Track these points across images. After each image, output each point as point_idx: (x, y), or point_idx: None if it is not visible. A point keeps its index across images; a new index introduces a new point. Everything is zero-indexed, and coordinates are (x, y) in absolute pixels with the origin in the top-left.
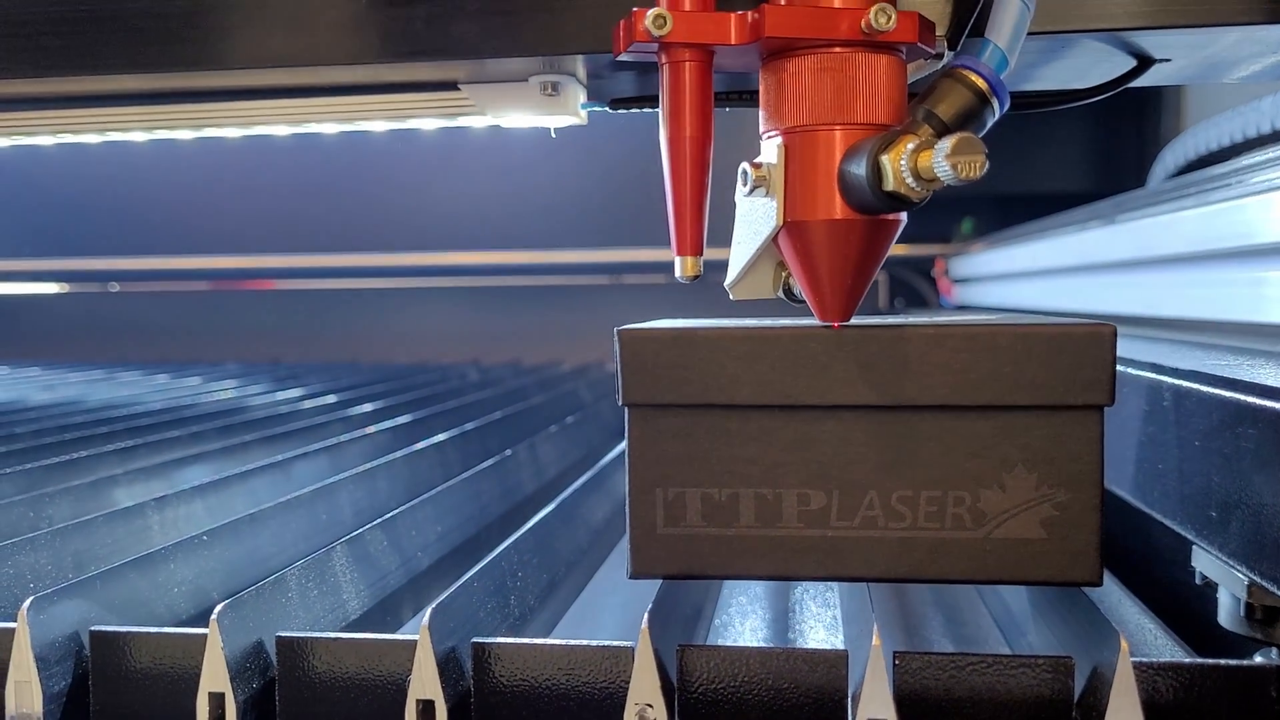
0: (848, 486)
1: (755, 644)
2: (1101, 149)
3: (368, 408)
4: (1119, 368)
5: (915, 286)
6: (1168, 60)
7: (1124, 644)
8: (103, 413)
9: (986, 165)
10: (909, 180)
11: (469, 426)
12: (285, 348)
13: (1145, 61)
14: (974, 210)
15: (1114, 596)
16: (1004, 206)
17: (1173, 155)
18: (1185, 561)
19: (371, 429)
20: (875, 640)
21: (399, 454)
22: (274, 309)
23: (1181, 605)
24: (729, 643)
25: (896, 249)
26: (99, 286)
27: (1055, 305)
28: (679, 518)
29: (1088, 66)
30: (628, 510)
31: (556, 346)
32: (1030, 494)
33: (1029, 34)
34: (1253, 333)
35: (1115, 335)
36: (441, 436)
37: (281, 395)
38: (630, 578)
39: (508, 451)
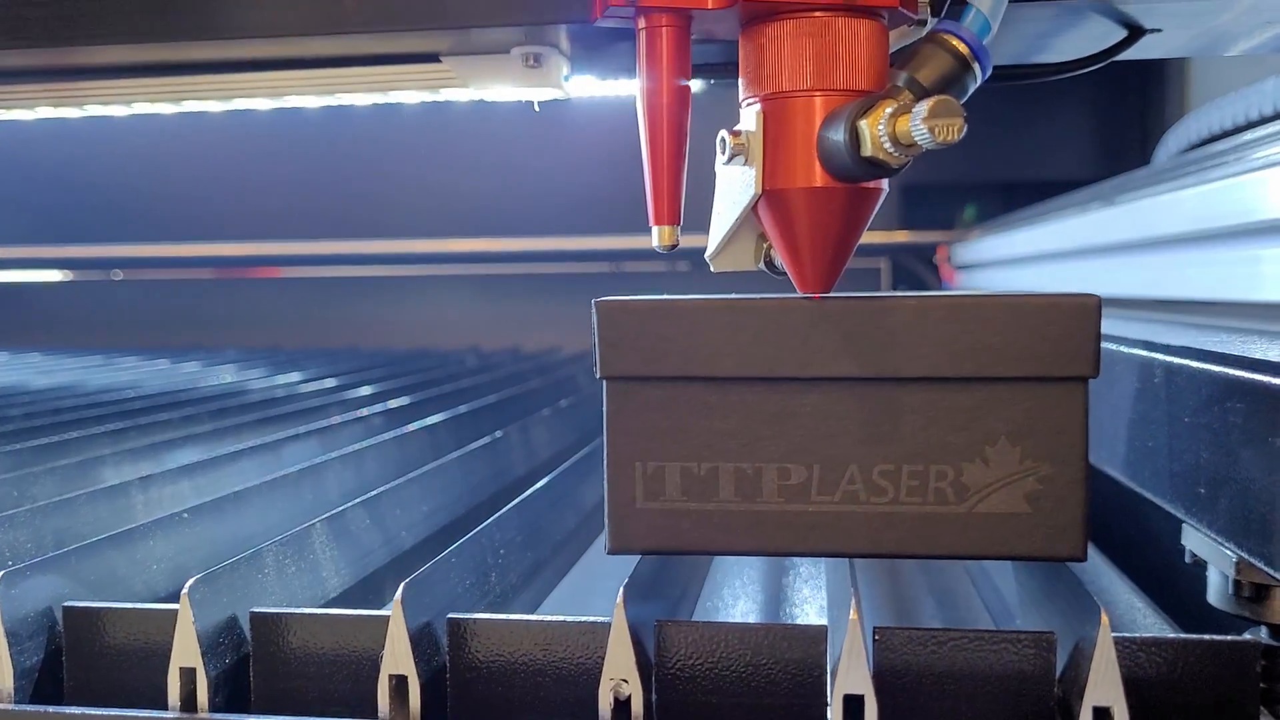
0: (829, 460)
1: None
2: (1105, 134)
3: (364, 391)
4: (1109, 345)
5: (918, 273)
6: (1158, 30)
7: (1104, 618)
8: (97, 396)
9: (965, 128)
10: (887, 145)
11: (462, 409)
12: (286, 334)
13: (1136, 32)
14: (978, 196)
15: (1106, 577)
16: (1007, 193)
17: (1175, 139)
18: (1177, 540)
19: (364, 411)
20: (853, 614)
21: (388, 435)
22: (276, 296)
23: (1173, 585)
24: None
25: (898, 235)
26: (101, 274)
27: (1056, 289)
28: (658, 492)
29: (1100, 38)
30: (606, 484)
31: (556, 333)
32: (1014, 468)
33: None
34: (1251, 313)
35: (1100, 306)
36: (433, 419)
37: (279, 380)
38: (608, 553)
39: (498, 433)
